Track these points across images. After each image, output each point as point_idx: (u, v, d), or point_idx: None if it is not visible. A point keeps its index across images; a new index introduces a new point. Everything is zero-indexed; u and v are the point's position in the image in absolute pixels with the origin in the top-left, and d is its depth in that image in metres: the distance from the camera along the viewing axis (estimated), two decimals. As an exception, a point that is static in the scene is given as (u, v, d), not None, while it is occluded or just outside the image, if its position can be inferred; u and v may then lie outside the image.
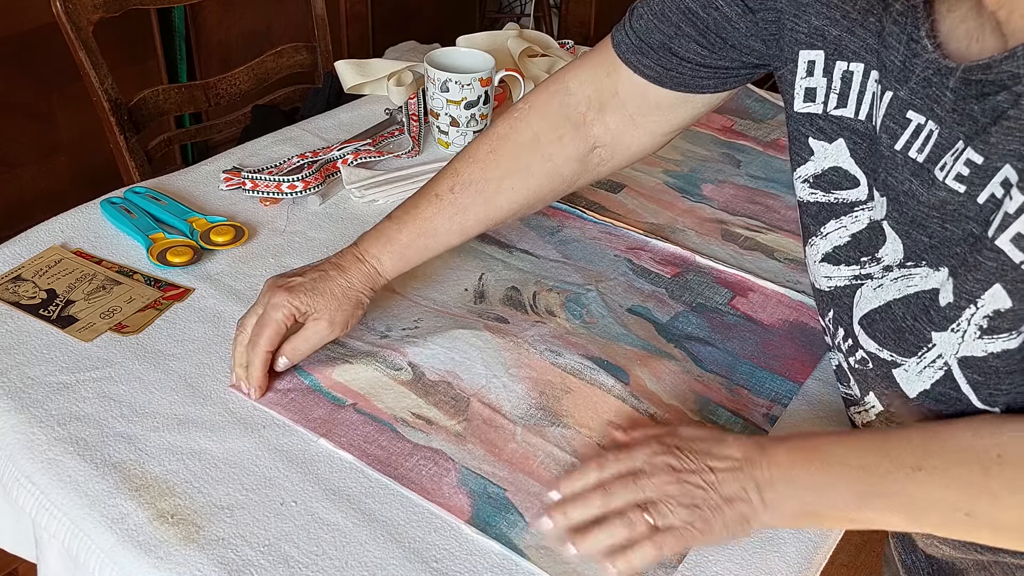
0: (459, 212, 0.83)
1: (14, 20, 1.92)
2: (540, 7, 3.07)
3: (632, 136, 0.84)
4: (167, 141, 1.45)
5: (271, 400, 0.77)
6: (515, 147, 0.84)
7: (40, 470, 0.70)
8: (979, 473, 0.58)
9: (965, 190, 0.57)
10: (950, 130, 0.58)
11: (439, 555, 0.66)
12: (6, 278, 0.88)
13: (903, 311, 0.63)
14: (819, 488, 0.63)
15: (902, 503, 0.60)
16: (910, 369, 0.63)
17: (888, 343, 0.65)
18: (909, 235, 0.62)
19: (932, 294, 0.61)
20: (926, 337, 0.61)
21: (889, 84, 0.62)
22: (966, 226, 0.58)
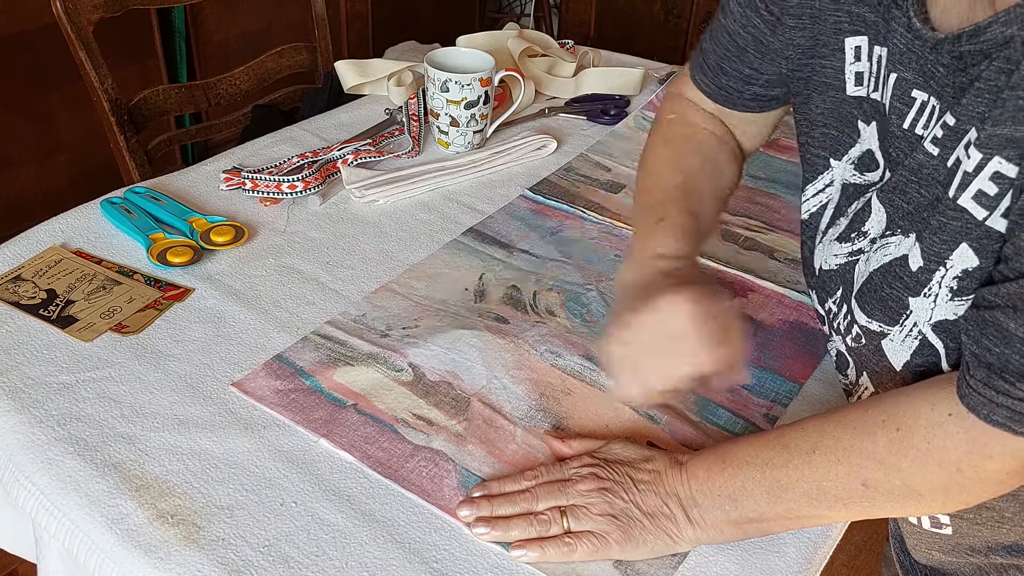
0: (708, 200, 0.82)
1: (14, 20, 1.93)
2: (540, 7, 3.07)
3: (746, 135, 0.88)
4: (167, 141, 1.45)
5: (272, 400, 0.77)
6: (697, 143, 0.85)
7: (40, 470, 0.70)
8: (867, 439, 0.60)
9: (938, 153, 0.59)
10: (943, 102, 0.60)
11: (439, 555, 0.66)
12: (6, 278, 0.88)
13: (881, 280, 0.64)
14: (734, 494, 0.65)
15: (806, 490, 0.62)
16: (895, 339, 0.64)
17: (875, 313, 0.66)
18: (892, 203, 0.64)
19: (902, 260, 0.62)
20: (904, 303, 0.62)
21: (894, 66, 0.63)
22: (934, 190, 0.60)
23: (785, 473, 0.63)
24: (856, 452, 0.61)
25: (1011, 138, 0.53)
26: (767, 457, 0.64)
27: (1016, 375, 0.53)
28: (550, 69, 1.37)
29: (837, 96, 0.71)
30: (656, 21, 2.67)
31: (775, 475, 0.63)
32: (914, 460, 0.58)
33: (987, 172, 0.54)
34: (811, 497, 0.63)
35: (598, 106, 1.32)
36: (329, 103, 1.41)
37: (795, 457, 0.63)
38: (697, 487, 0.66)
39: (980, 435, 0.56)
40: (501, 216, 1.06)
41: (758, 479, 0.64)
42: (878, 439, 0.60)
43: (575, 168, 1.18)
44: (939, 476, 0.58)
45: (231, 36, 2.36)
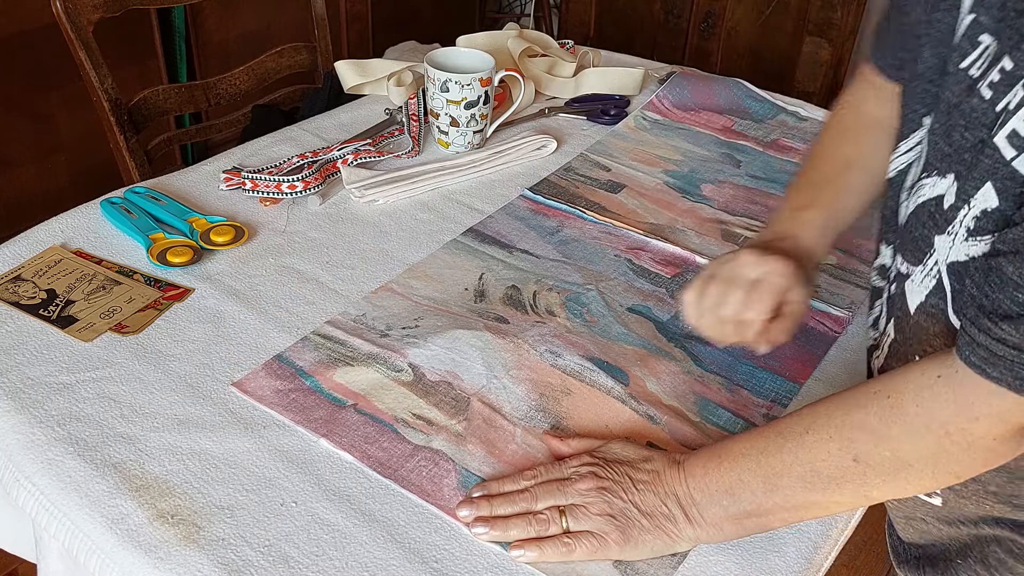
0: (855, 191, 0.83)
1: (14, 20, 1.92)
2: (540, 7, 3.07)
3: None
4: (167, 141, 1.45)
5: (272, 400, 0.77)
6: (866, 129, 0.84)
7: (40, 470, 0.70)
8: (858, 411, 0.60)
9: (990, 96, 0.58)
10: (1001, 45, 0.58)
11: (439, 555, 0.66)
12: (6, 278, 0.88)
13: (915, 220, 0.64)
14: (731, 488, 0.65)
15: (800, 473, 0.63)
16: (915, 279, 0.64)
17: (906, 254, 0.65)
18: (936, 146, 0.63)
19: (938, 200, 0.61)
20: (930, 242, 0.62)
21: (975, 7, 0.62)
22: (978, 133, 0.58)
23: (779, 459, 0.63)
24: (848, 426, 0.61)
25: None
26: (762, 446, 0.65)
27: (999, 316, 0.53)
28: (550, 69, 1.37)
29: (945, 52, 0.68)
30: (656, 21, 2.67)
31: (770, 462, 0.64)
32: (904, 426, 0.59)
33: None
34: (805, 481, 0.63)
35: (598, 106, 1.32)
36: (329, 103, 1.41)
37: (789, 441, 0.63)
38: (695, 484, 0.66)
39: (968, 394, 0.56)
40: (501, 216, 1.06)
41: (753, 469, 0.64)
42: (869, 409, 0.60)
43: (575, 168, 1.17)
44: (928, 442, 0.58)
45: (231, 36, 2.35)
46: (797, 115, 1.35)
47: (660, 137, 1.27)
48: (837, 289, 0.98)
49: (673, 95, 1.36)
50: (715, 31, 2.57)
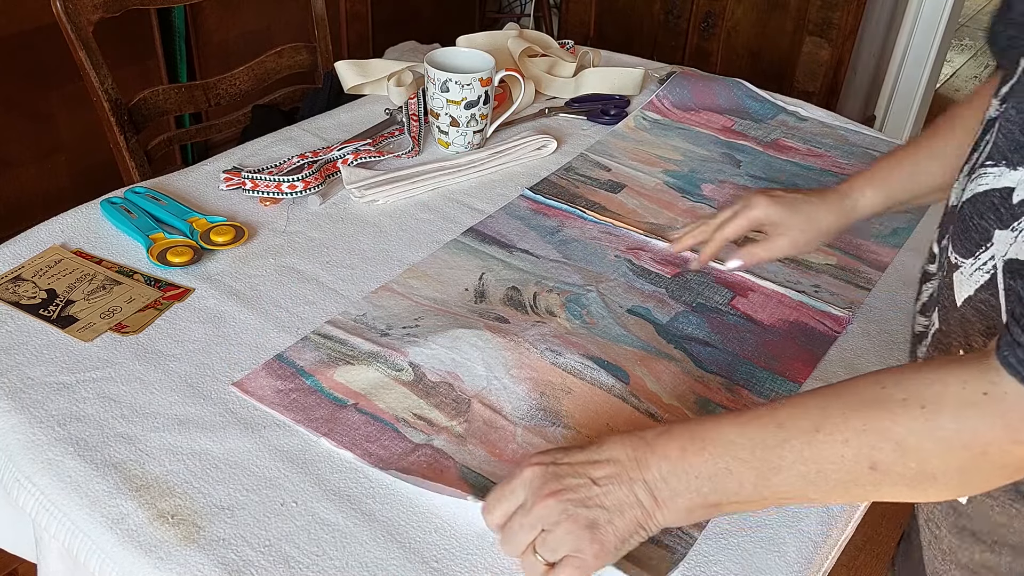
0: (935, 156, 0.84)
1: (14, 20, 1.92)
2: (540, 7, 3.07)
3: None
4: (167, 141, 1.45)
5: (272, 400, 0.77)
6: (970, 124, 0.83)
7: (40, 470, 0.70)
8: (885, 418, 0.55)
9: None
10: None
11: (439, 555, 0.66)
12: (6, 278, 0.88)
13: (971, 210, 0.60)
14: (716, 476, 0.60)
15: (801, 472, 0.58)
16: (964, 271, 0.60)
17: (957, 244, 0.62)
18: (1011, 135, 0.58)
19: (1004, 192, 0.57)
20: (988, 236, 0.58)
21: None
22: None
23: (779, 454, 0.58)
24: (870, 433, 0.55)
25: None
26: (758, 437, 0.59)
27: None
28: (550, 69, 1.37)
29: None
30: (656, 21, 2.67)
31: (767, 457, 0.58)
32: (938, 442, 0.54)
33: None
34: (808, 480, 0.58)
35: (598, 106, 1.32)
36: (329, 103, 1.41)
37: (793, 437, 0.58)
38: (669, 468, 0.61)
39: (1016, 417, 0.52)
40: (501, 216, 1.06)
41: (746, 460, 0.59)
42: (897, 418, 0.55)
43: (575, 168, 1.18)
44: (961, 458, 0.54)
45: (231, 36, 2.35)
46: (797, 115, 1.35)
47: (660, 137, 1.27)
48: (837, 289, 0.98)
49: (673, 95, 1.36)
50: (715, 31, 2.57)
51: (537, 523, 0.62)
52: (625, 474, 0.62)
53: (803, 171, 1.20)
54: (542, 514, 0.62)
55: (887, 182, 0.87)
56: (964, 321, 0.61)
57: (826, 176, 1.19)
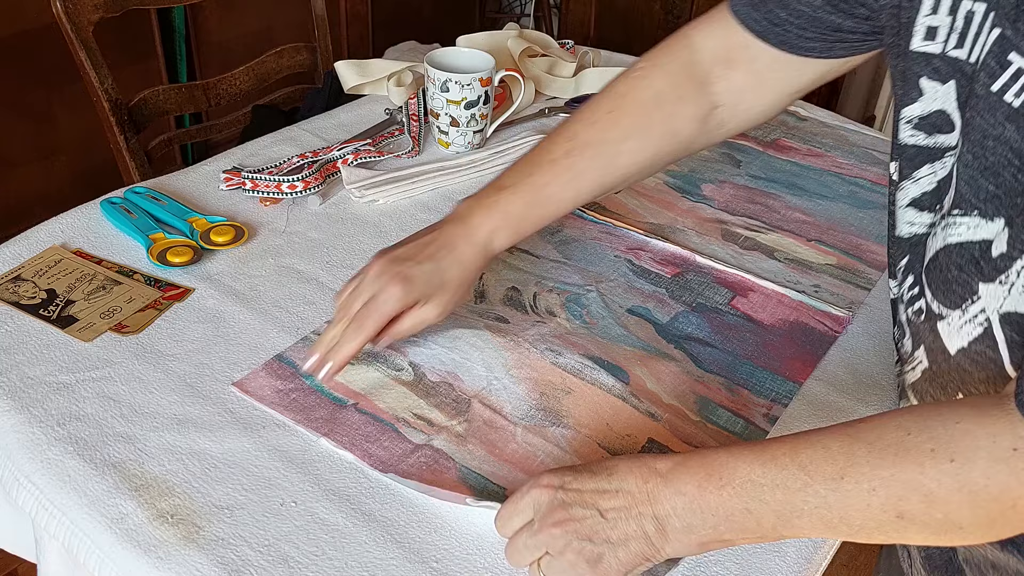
0: (575, 177, 0.80)
1: (14, 20, 1.92)
2: (540, 7, 3.07)
3: (752, 97, 0.82)
4: (167, 141, 1.45)
5: (272, 400, 0.77)
6: (636, 106, 0.80)
7: (40, 470, 0.70)
8: (912, 469, 0.54)
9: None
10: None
11: (439, 555, 0.66)
12: (6, 278, 0.88)
13: (950, 261, 0.60)
14: (732, 515, 0.59)
15: (824, 517, 0.56)
16: (952, 323, 0.60)
17: (938, 293, 0.61)
18: (974, 181, 0.58)
19: (983, 245, 0.57)
20: (972, 289, 0.58)
21: (999, 21, 0.57)
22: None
23: (802, 498, 0.56)
24: (898, 483, 0.54)
25: None
26: (780, 479, 0.57)
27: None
28: (550, 69, 1.37)
29: (901, 49, 0.64)
30: (656, 21, 2.67)
31: (790, 500, 0.57)
32: (967, 495, 0.53)
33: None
34: (828, 524, 0.57)
35: (598, 106, 1.32)
36: (329, 103, 1.41)
37: (817, 482, 0.56)
38: (684, 504, 0.60)
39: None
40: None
41: (766, 501, 0.57)
42: (926, 471, 0.53)
43: (575, 168, 1.17)
44: (990, 511, 0.53)
45: (231, 36, 2.35)
46: (797, 115, 1.35)
47: (660, 137, 1.27)
48: (837, 289, 0.98)
49: (673, 95, 1.36)
50: (715, 31, 2.57)
51: (542, 547, 0.62)
52: (635, 507, 0.61)
53: (803, 171, 1.20)
54: (547, 541, 0.62)
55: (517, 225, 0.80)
56: (961, 370, 0.61)
57: (826, 176, 1.19)
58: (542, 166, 0.80)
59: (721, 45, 0.80)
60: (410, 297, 0.76)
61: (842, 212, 1.12)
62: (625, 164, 0.82)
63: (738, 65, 0.79)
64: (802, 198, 1.14)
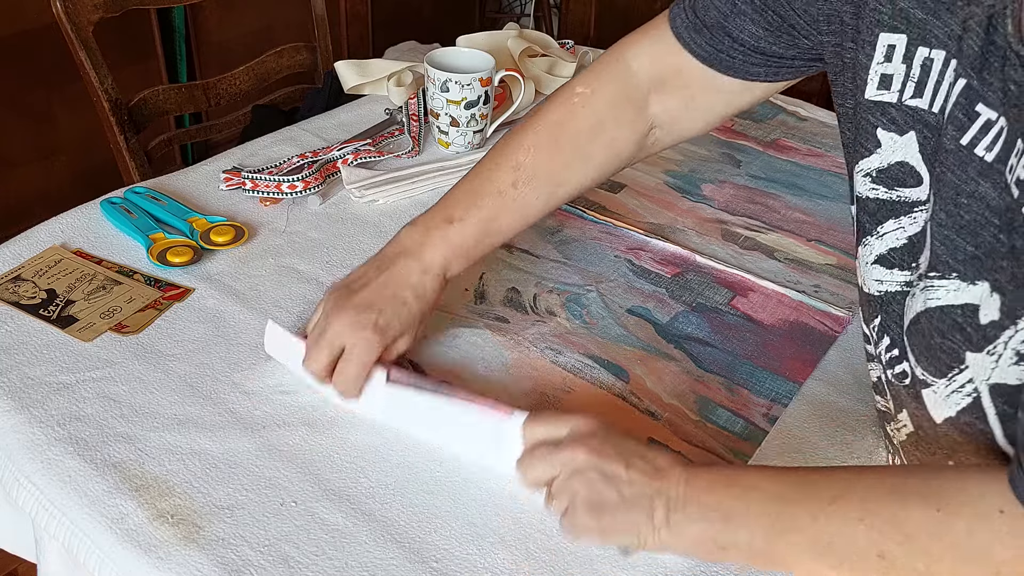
0: (522, 207, 0.81)
1: (14, 20, 1.92)
2: (540, 7, 3.07)
3: (689, 118, 0.83)
4: (167, 141, 1.45)
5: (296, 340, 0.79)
6: (577, 135, 0.81)
7: (40, 470, 0.70)
8: (899, 508, 0.54)
9: (1019, 195, 0.51)
10: (1014, 127, 0.52)
11: (439, 555, 0.66)
12: (6, 278, 0.88)
13: (932, 327, 0.58)
14: (730, 516, 0.59)
15: (812, 539, 0.57)
16: (939, 391, 0.59)
17: (921, 360, 0.60)
18: (950, 241, 0.56)
19: (967, 310, 0.55)
20: (959, 357, 0.56)
21: (964, 71, 0.56)
22: (1014, 239, 0.52)
23: (794, 513, 0.57)
24: (884, 518, 0.54)
25: None
26: (780, 490, 0.58)
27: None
28: (550, 69, 1.37)
29: (854, 98, 0.64)
30: (656, 21, 2.67)
31: (784, 510, 0.58)
32: (949, 547, 0.53)
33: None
34: (815, 550, 0.57)
35: (598, 106, 1.32)
36: (329, 103, 1.41)
37: (811, 501, 0.57)
38: (692, 495, 0.61)
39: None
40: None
41: (763, 510, 0.58)
42: (911, 513, 0.54)
43: (575, 168, 1.17)
44: (972, 572, 0.52)
45: (231, 36, 2.35)
46: (797, 115, 1.35)
47: (660, 137, 1.27)
48: (837, 289, 0.98)
49: (673, 95, 1.36)
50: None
51: (558, 464, 0.64)
52: (655, 480, 0.62)
53: (803, 171, 1.20)
54: (569, 458, 0.63)
55: (466, 253, 0.80)
56: (948, 439, 0.60)
57: (826, 176, 1.19)
58: (490, 197, 0.81)
59: (657, 67, 0.81)
60: (385, 344, 0.75)
61: (842, 212, 1.12)
62: (568, 189, 0.83)
63: (673, 91, 0.81)
64: (802, 198, 1.14)
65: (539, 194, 0.81)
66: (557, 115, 0.82)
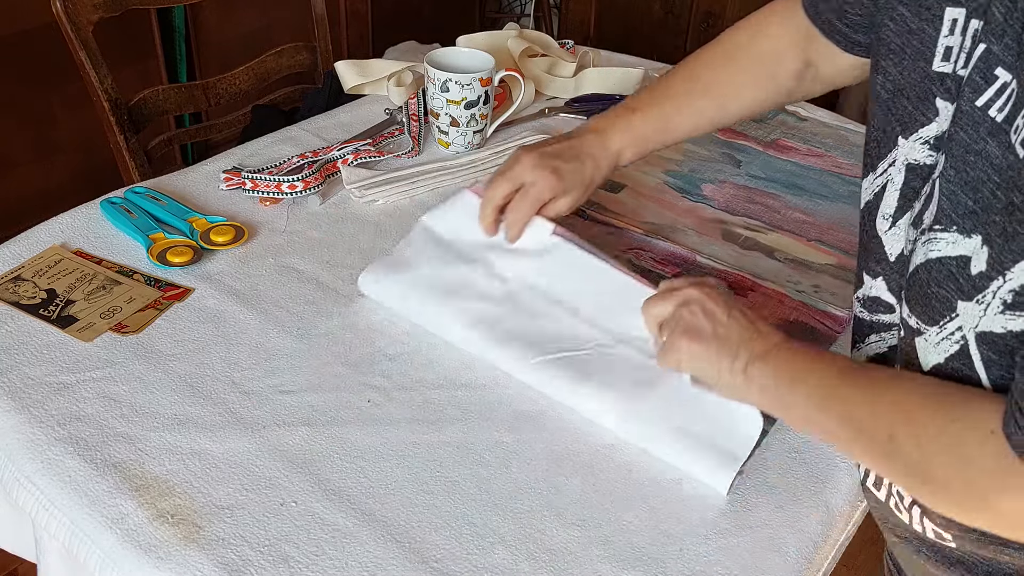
0: (697, 114, 0.92)
1: (14, 20, 1.92)
2: (540, 7, 3.07)
3: (830, 64, 0.88)
4: (167, 141, 1.45)
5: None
6: (753, 56, 0.91)
7: (40, 470, 0.70)
8: (916, 398, 0.61)
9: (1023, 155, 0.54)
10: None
11: (439, 554, 0.66)
12: (6, 278, 0.88)
13: (929, 277, 0.61)
14: (792, 380, 0.69)
15: (849, 412, 0.64)
16: (929, 339, 0.62)
17: (916, 308, 0.63)
18: (954, 196, 0.60)
19: (960, 261, 0.59)
20: (951, 306, 0.59)
21: (986, 37, 0.58)
22: (1012, 195, 0.55)
23: (841, 382, 0.65)
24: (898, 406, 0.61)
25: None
26: (842, 366, 0.67)
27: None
28: (550, 69, 1.37)
29: (923, 68, 0.65)
30: (656, 20, 2.67)
31: (836, 393, 0.65)
32: (940, 447, 0.58)
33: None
34: (845, 421, 0.64)
35: (598, 106, 1.32)
36: (329, 103, 1.41)
37: (861, 392, 0.64)
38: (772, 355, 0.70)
39: (1009, 467, 0.54)
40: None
41: (819, 382, 0.67)
42: (928, 403, 0.60)
43: (575, 168, 1.17)
44: (956, 474, 0.57)
45: (231, 36, 2.35)
46: (797, 115, 1.35)
47: (660, 137, 1.27)
48: (837, 289, 0.98)
49: (673, 95, 1.36)
50: (715, 31, 2.57)
51: (677, 300, 0.76)
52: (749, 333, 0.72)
53: (803, 171, 1.20)
54: (686, 294, 0.76)
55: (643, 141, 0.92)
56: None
57: (826, 176, 1.19)
58: (669, 99, 0.92)
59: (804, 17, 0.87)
60: (559, 189, 0.88)
61: (842, 212, 1.12)
62: (736, 108, 0.93)
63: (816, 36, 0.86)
64: (802, 198, 1.14)
65: (711, 104, 0.92)
66: (739, 37, 0.92)
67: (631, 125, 0.91)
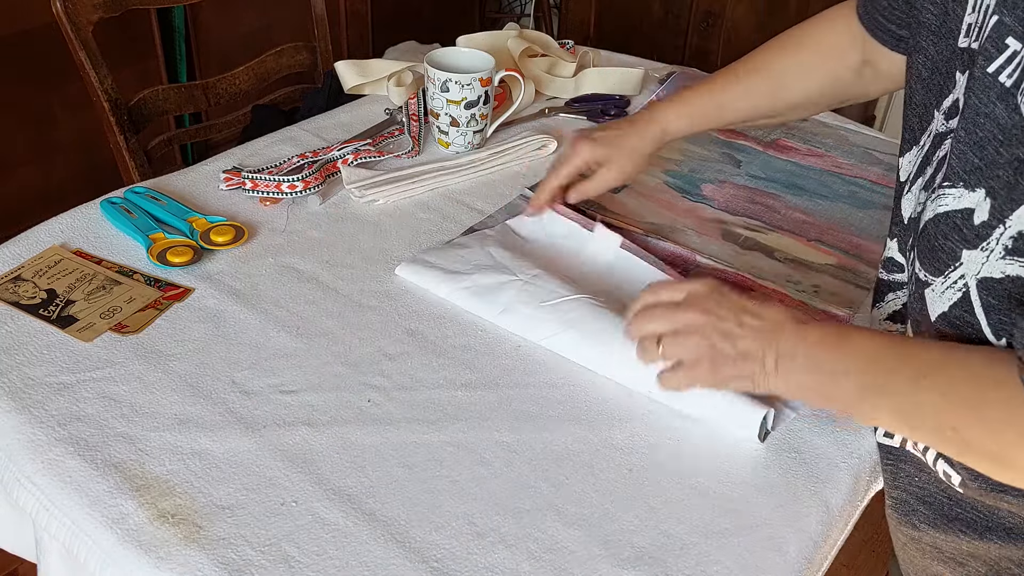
0: (754, 95, 0.95)
1: (14, 20, 1.92)
2: (540, 7, 3.07)
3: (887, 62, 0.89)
4: (167, 141, 1.45)
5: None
6: (813, 48, 0.94)
7: (40, 470, 0.70)
8: (975, 394, 0.60)
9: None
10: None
11: (439, 554, 0.66)
12: (6, 278, 0.88)
13: (937, 230, 0.64)
14: (833, 373, 0.67)
15: (897, 404, 0.63)
16: (936, 289, 0.64)
17: (924, 262, 0.65)
18: (963, 155, 0.62)
19: (965, 213, 0.61)
20: (956, 255, 0.62)
21: (998, 9, 0.61)
22: (1016, 151, 0.58)
23: (886, 379, 0.64)
24: (961, 401, 0.60)
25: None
26: (879, 355, 0.65)
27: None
28: (550, 69, 1.37)
29: (952, 45, 0.69)
30: (656, 20, 2.67)
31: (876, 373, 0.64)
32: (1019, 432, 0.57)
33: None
34: (900, 414, 0.64)
35: (598, 106, 1.32)
36: (329, 103, 1.41)
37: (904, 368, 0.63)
38: (803, 349, 0.68)
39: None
40: (501, 216, 1.06)
41: (860, 372, 0.65)
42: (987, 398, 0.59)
43: (575, 168, 1.17)
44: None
45: (231, 36, 2.35)
46: (797, 115, 1.35)
47: (660, 137, 1.27)
48: (837, 289, 0.98)
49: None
50: (715, 31, 2.57)
51: (676, 323, 0.73)
52: (767, 334, 0.70)
53: (803, 171, 1.20)
54: (688, 319, 0.72)
55: (693, 115, 0.96)
56: (940, 335, 0.64)
57: (826, 176, 1.19)
58: (728, 80, 0.96)
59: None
60: (594, 154, 0.95)
61: (842, 212, 1.12)
62: (791, 96, 0.95)
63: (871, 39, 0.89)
64: (802, 198, 1.14)
65: (770, 88, 0.94)
66: (800, 31, 0.95)
67: (682, 99, 0.96)
